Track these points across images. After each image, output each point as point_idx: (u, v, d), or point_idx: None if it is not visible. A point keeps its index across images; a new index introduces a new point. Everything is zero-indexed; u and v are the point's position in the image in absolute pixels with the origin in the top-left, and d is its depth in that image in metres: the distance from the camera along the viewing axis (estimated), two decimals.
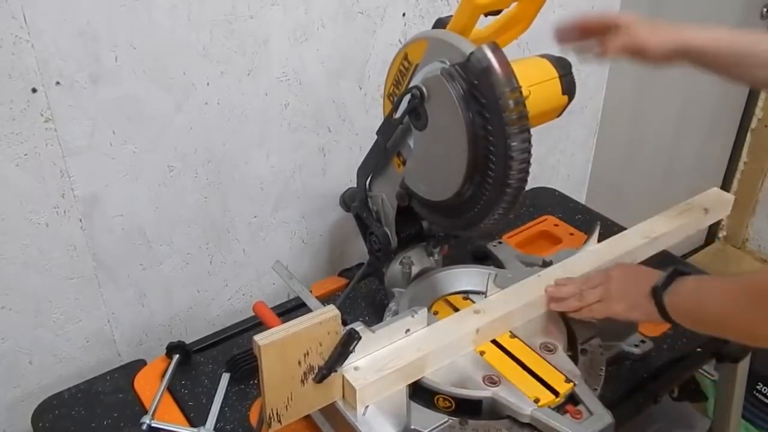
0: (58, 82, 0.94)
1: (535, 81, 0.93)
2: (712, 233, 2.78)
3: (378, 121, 1.02)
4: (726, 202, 1.24)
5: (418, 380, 0.91)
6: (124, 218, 1.09)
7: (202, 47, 1.05)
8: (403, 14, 1.26)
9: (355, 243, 1.40)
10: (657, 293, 0.88)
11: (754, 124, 2.51)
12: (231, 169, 1.18)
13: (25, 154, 0.96)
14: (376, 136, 1.03)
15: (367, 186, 1.11)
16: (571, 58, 1.01)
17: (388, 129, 0.99)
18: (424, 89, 0.88)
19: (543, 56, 0.99)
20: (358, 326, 0.87)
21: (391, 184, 1.04)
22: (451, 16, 0.91)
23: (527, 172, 0.84)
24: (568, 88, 0.98)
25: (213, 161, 1.15)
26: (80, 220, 1.05)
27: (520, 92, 0.81)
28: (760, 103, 2.47)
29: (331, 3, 1.16)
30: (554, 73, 0.97)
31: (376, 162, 1.05)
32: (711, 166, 2.59)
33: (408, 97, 0.90)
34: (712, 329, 0.88)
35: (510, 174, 0.83)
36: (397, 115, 0.95)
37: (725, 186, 2.61)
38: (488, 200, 0.87)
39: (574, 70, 0.99)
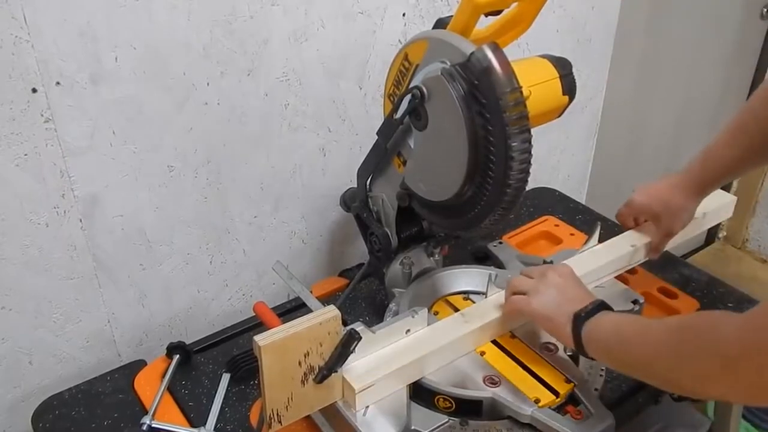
0: (58, 83, 0.94)
1: (536, 81, 0.93)
2: (712, 233, 2.79)
3: (378, 121, 1.02)
4: (728, 203, 1.25)
5: (419, 380, 0.91)
6: (124, 218, 1.09)
7: (202, 47, 1.05)
8: (403, 14, 1.26)
9: (355, 243, 1.40)
10: (578, 320, 0.86)
11: None
12: (231, 169, 1.18)
13: (25, 155, 0.96)
14: (376, 137, 1.03)
15: (368, 186, 1.11)
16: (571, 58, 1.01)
17: (388, 129, 0.99)
18: (424, 89, 0.88)
19: (543, 56, 0.99)
20: (359, 326, 0.87)
21: (391, 184, 1.04)
22: (452, 16, 0.91)
23: (528, 173, 0.84)
24: (569, 88, 0.98)
25: (213, 161, 1.15)
26: (80, 221, 1.05)
27: (521, 92, 0.81)
28: None
29: (331, 3, 1.16)
30: (555, 73, 0.97)
31: (376, 162, 1.05)
32: None
33: (408, 97, 0.90)
34: (629, 368, 0.83)
35: (510, 174, 0.83)
36: (398, 115, 0.95)
37: (725, 186, 2.60)
38: (488, 200, 0.87)
39: (574, 70, 0.99)
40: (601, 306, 0.87)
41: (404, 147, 0.99)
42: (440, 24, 0.94)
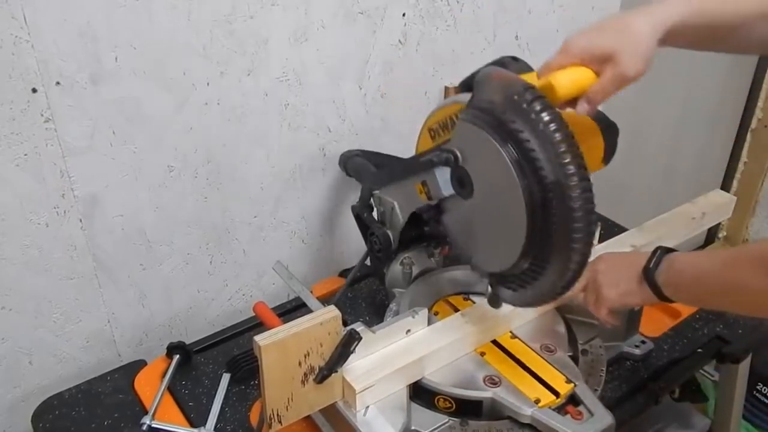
0: (58, 83, 0.94)
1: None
2: (712, 233, 2.78)
3: (378, 121, 1.02)
4: (727, 203, 1.25)
5: (419, 381, 0.91)
6: (124, 218, 1.09)
7: (202, 47, 1.05)
8: (403, 14, 1.26)
9: (356, 243, 1.40)
10: (648, 274, 0.86)
11: (754, 124, 2.51)
12: (231, 169, 1.18)
13: (25, 155, 0.96)
14: (376, 137, 1.02)
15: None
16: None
17: (414, 166, 0.94)
18: (458, 153, 0.82)
19: (595, 116, 0.90)
20: (359, 327, 0.87)
21: (407, 198, 1.00)
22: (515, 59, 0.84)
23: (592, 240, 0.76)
24: (609, 156, 0.91)
25: (213, 161, 1.15)
26: (80, 221, 1.05)
27: (581, 156, 0.73)
28: (760, 104, 2.47)
29: (331, 3, 1.15)
30: (600, 142, 0.90)
31: (393, 182, 1.01)
32: (711, 166, 2.59)
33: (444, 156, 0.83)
34: (713, 303, 0.85)
35: (575, 237, 0.74)
36: (428, 157, 0.88)
37: (725, 186, 2.61)
38: (549, 272, 0.79)
39: None
40: (662, 251, 0.86)
41: (430, 179, 0.91)
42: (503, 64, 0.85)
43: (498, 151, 0.75)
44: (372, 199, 1.11)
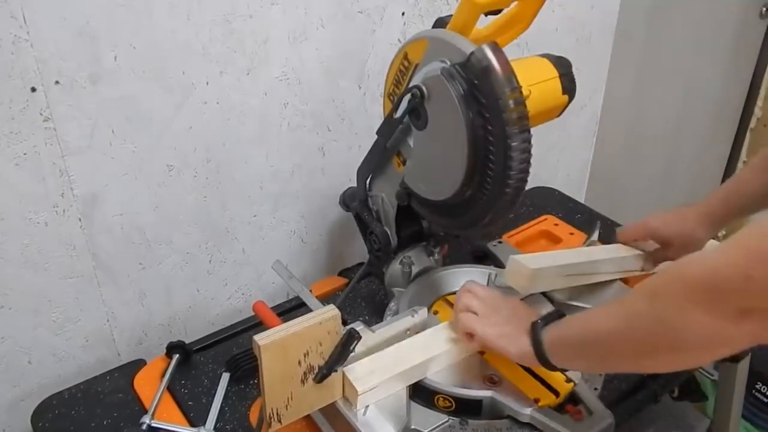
0: (57, 82, 0.94)
1: (535, 80, 0.93)
2: None
3: (377, 120, 1.02)
4: None
5: (419, 380, 0.91)
6: (123, 218, 1.09)
7: (201, 47, 1.05)
8: (403, 13, 1.26)
9: (355, 243, 1.40)
10: (536, 327, 0.83)
11: (753, 123, 2.52)
12: (230, 168, 1.18)
13: (25, 154, 0.96)
14: (375, 136, 1.03)
15: (367, 185, 1.11)
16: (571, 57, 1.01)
17: (388, 129, 0.99)
18: (424, 89, 0.88)
19: (543, 56, 0.99)
20: (358, 326, 0.87)
21: (391, 183, 1.05)
22: (451, 15, 0.91)
23: (527, 173, 0.84)
24: (569, 87, 0.98)
25: (212, 161, 1.15)
26: (80, 220, 1.05)
27: (520, 92, 0.81)
28: (759, 103, 2.47)
29: (331, 2, 1.15)
30: (554, 72, 0.97)
31: (376, 162, 1.05)
32: (710, 165, 2.59)
33: (408, 96, 0.90)
34: (594, 359, 0.80)
35: (510, 174, 0.83)
36: (397, 114, 0.95)
37: None
38: (488, 200, 0.87)
39: (573, 69, 0.99)
40: (560, 314, 0.86)
41: (404, 146, 0.99)
42: (440, 23, 0.94)
43: (449, 92, 0.84)
44: (369, 201, 1.12)
